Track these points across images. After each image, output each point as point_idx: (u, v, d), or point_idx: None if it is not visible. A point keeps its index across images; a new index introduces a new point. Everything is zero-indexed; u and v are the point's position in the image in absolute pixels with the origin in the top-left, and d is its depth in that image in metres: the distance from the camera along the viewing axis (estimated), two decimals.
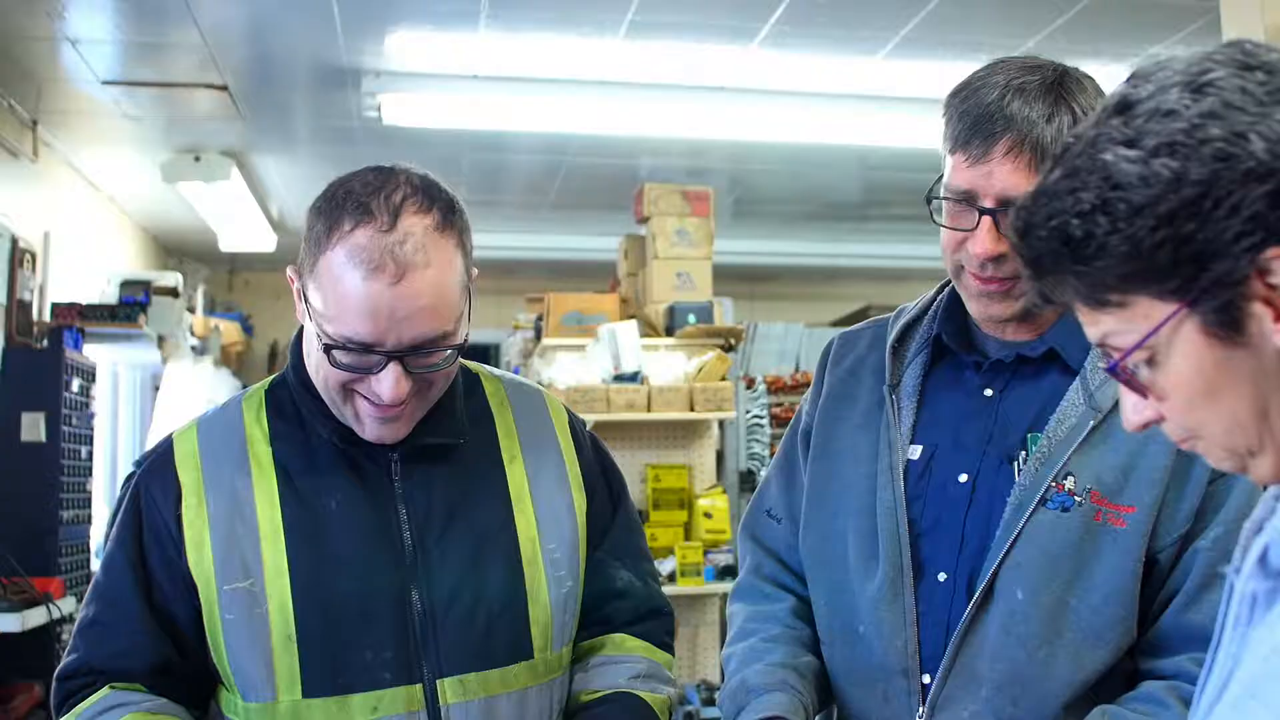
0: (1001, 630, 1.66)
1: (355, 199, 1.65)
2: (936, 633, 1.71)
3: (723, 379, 5.87)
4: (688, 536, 5.84)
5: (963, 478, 1.75)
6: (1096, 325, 1.10)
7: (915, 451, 1.80)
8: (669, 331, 6.17)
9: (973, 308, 1.77)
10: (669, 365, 5.93)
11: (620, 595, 1.94)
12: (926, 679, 1.71)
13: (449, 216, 1.69)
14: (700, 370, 5.88)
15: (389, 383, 1.66)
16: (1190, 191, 1.00)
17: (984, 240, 1.67)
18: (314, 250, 1.66)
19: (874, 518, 1.78)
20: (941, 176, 1.73)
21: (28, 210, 6.12)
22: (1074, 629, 1.65)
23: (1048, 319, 1.76)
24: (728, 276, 8.93)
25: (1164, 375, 1.08)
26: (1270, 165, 0.99)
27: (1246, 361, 1.03)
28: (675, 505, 5.87)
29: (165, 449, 1.84)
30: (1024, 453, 1.72)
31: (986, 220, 1.66)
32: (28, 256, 5.69)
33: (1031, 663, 1.65)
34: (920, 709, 1.71)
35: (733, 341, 6.20)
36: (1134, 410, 1.13)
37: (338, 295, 1.62)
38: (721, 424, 6.31)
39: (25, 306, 5.57)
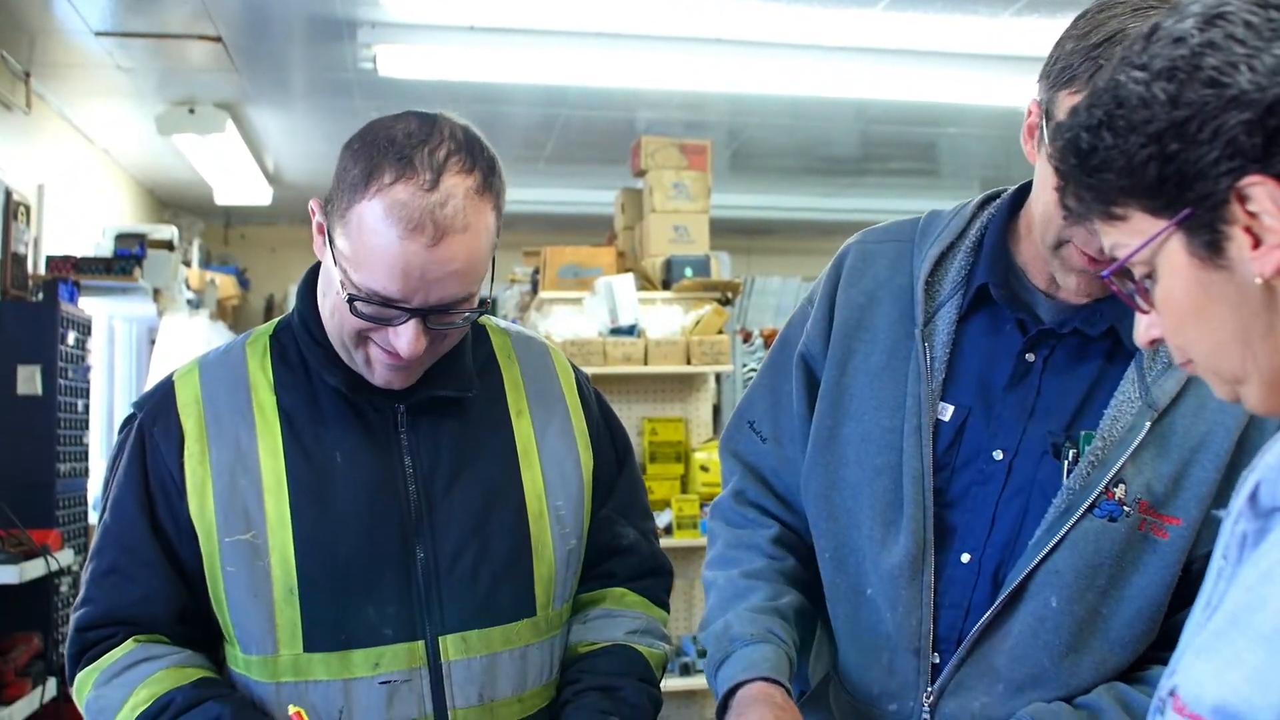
0: (1029, 634, 1.60)
1: (398, 149, 1.60)
2: (953, 615, 1.65)
3: (719, 332, 5.87)
4: (684, 490, 5.85)
5: (998, 455, 1.64)
6: (1106, 236, 1.16)
7: (946, 412, 1.67)
8: (666, 285, 6.16)
9: (1061, 279, 1.62)
10: (666, 318, 5.92)
11: (624, 552, 1.94)
12: (936, 659, 1.66)
13: (489, 179, 1.65)
14: (697, 324, 5.87)
15: (408, 338, 1.64)
16: (1180, 114, 1.05)
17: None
18: (348, 195, 1.62)
19: (896, 480, 1.67)
20: (1046, 114, 1.52)
21: (21, 163, 6.09)
22: (1102, 638, 1.60)
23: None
24: (725, 230, 8.92)
25: (1158, 291, 1.13)
26: (1252, 95, 1.03)
27: (1227, 286, 1.07)
28: (672, 459, 5.88)
29: (166, 391, 1.81)
30: (1074, 450, 1.61)
31: None
32: (22, 209, 5.66)
33: (1056, 670, 1.61)
34: (929, 688, 1.66)
35: (730, 295, 6.19)
36: (1145, 326, 1.18)
37: (370, 248, 1.59)
38: (718, 377, 6.31)
39: (20, 259, 5.55)
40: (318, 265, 1.80)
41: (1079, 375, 1.64)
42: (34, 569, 4.18)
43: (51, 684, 4.25)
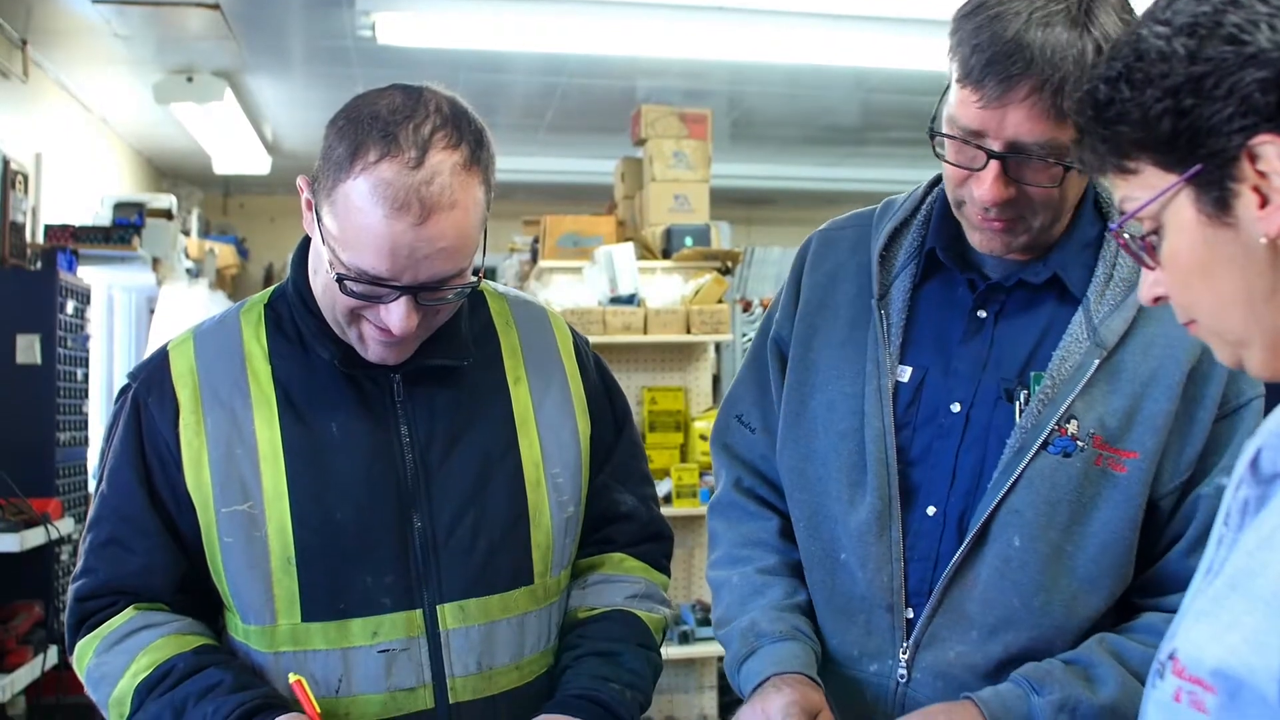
0: (996, 575, 1.63)
1: (381, 125, 1.58)
2: (923, 567, 1.68)
3: (719, 302, 5.86)
4: (683, 458, 5.86)
5: (955, 407, 1.69)
6: (1118, 189, 1.16)
7: (905, 374, 1.73)
8: (666, 254, 6.14)
9: (973, 238, 1.68)
10: (665, 288, 5.91)
11: (623, 518, 1.94)
12: (910, 614, 1.69)
13: (477, 152, 1.63)
14: (697, 293, 5.86)
15: (399, 316, 1.63)
16: (1198, 69, 1.06)
17: (992, 187, 1.56)
18: (334, 173, 1.60)
19: (860, 443, 1.72)
20: (943, 97, 1.62)
21: (18, 131, 6.07)
22: (1069, 576, 1.62)
23: (1048, 245, 1.68)
24: (725, 200, 8.90)
25: (1165, 248, 1.13)
26: (1270, 55, 1.04)
27: (1232, 245, 1.08)
28: (671, 428, 5.88)
29: (161, 361, 1.81)
30: (1025, 391, 1.65)
31: (995, 165, 1.55)
32: (19, 178, 5.65)
33: (1026, 610, 1.63)
34: (905, 643, 1.69)
35: (730, 264, 6.17)
36: (1149, 285, 1.18)
37: (356, 227, 1.58)
38: (718, 347, 6.30)
39: (18, 228, 5.54)
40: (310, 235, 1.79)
41: (1030, 325, 1.68)
42: (34, 537, 4.19)
43: (53, 652, 4.26)
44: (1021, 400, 1.65)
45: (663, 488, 5.59)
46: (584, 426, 1.89)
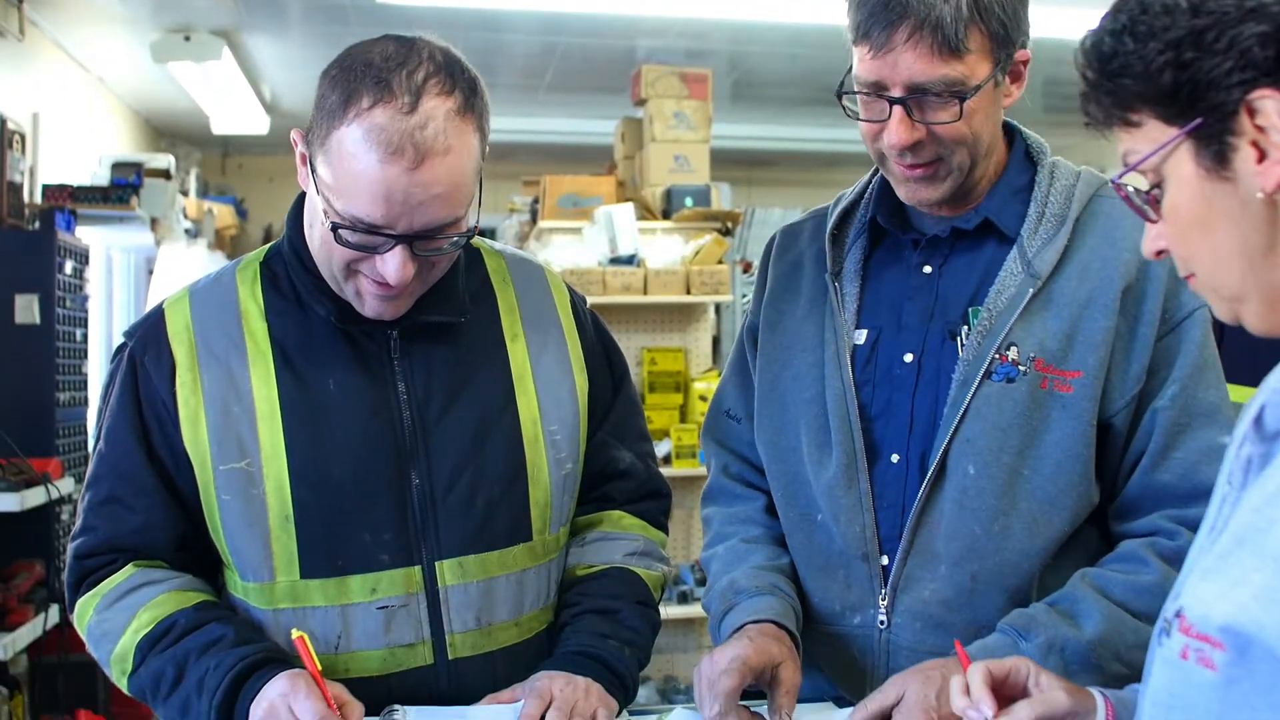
0: (956, 506, 1.68)
1: (375, 73, 1.58)
2: (893, 514, 1.74)
3: (720, 262, 5.85)
4: (683, 419, 5.86)
5: (908, 358, 1.76)
6: (1122, 143, 1.17)
7: (861, 336, 1.80)
8: (666, 215, 6.12)
9: (902, 193, 1.76)
10: (666, 248, 5.89)
11: (621, 476, 1.94)
12: (885, 561, 1.73)
13: (471, 99, 1.63)
14: (697, 254, 5.84)
15: (395, 265, 1.63)
16: (1200, 22, 1.07)
17: (897, 130, 1.65)
18: (327, 121, 1.60)
19: (824, 405, 1.79)
20: (851, 68, 1.70)
21: (15, 91, 6.03)
22: (1028, 499, 1.67)
23: (979, 194, 1.77)
24: (725, 161, 8.86)
25: (1166, 201, 1.14)
26: (1271, 9, 1.04)
27: (1230, 199, 1.09)
28: (671, 389, 5.88)
29: (157, 319, 1.80)
30: (966, 327, 1.72)
31: (898, 110, 1.65)
32: (16, 137, 5.62)
33: (988, 536, 1.67)
34: (883, 591, 1.74)
35: (730, 225, 6.16)
36: (1150, 238, 1.19)
37: (350, 174, 1.58)
38: (718, 308, 6.29)
39: (15, 188, 5.52)
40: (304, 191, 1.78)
41: (971, 272, 1.76)
42: (35, 497, 4.19)
43: (54, 611, 4.27)
44: (963, 335, 1.72)
45: (662, 448, 5.59)
46: (581, 384, 1.88)
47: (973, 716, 1.26)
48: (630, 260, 5.74)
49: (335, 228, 1.61)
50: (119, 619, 1.71)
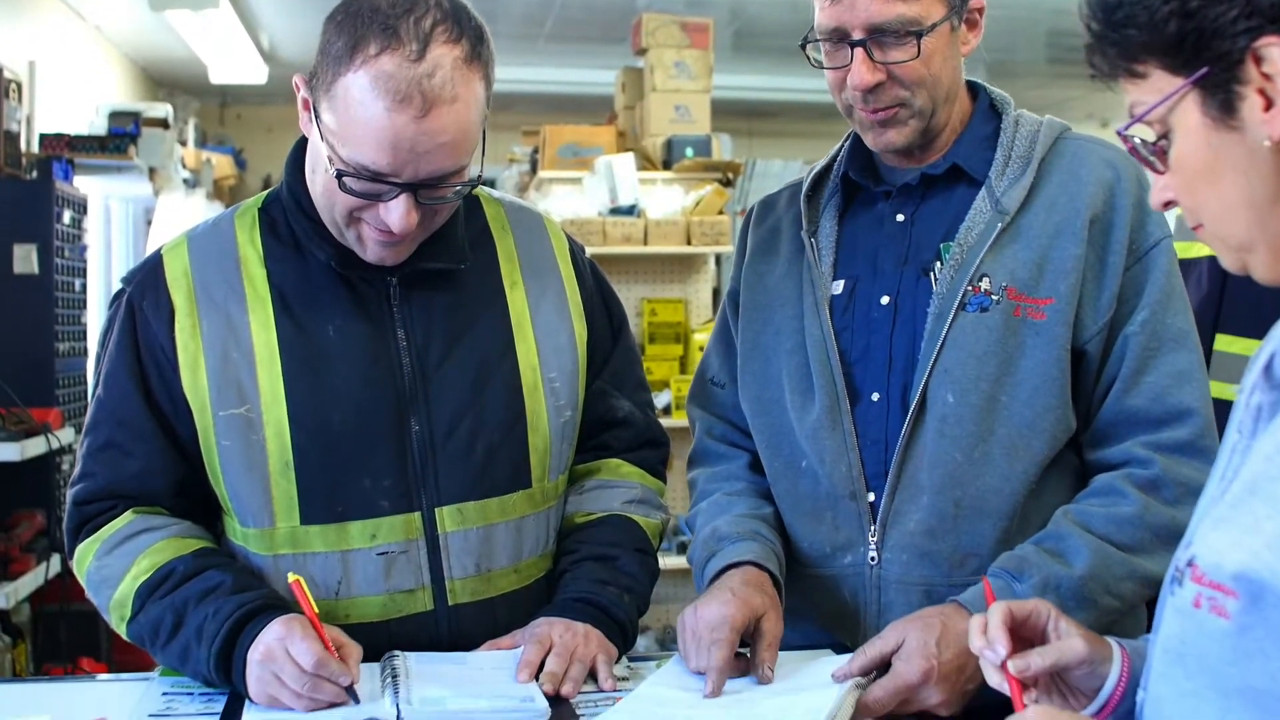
0: (937, 434, 1.72)
1: (382, 19, 1.57)
2: (877, 451, 1.77)
3: (720, 213, 5.83)
4: (683, 370, 5.86)
5: (884, 300, 1.80)
6: (1128, 95, 1.16)
7: (838, 286, 1.85)
8: (666, 165, 6.10)
9: (869, 140, 1.82)
10: (666, 199, 5.88)
11: (620, 424, 1.94)
12: (872, 498, 1.77)
13: (477, 48, 1.62)
14: (698, 204, 5.82)
15: (399, 213, 1.62)
16: None
17: (860, 72, 1.72)
18: (332, 68, 1.59)
19: (805, 354, 1.83)
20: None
21: (12, 40, 5.99)
22: (1006, 424, 1.71)
23: (945, 144, 1.82)
24: (726, 113, 8.80)
25: (1173, 152, 1.13)
26: None
27: (1237, 148, 1.08)
28: (671, 339, 5.88)
29: (155, 265, 1.80)
30: (938, 263, 1.77)
31: (859, 53, 1.71)
32: (13, 86, 5.58)
33: (969, 462, 1.71)
34: (872, 527, 1.77)
35: (731, 176, 6.13)
36: (1158, 189, 1.18)
37: (357, 121, 1.57)
38: (718, 259, 6.28)
39: (13, 137, 5.48)
40: (305, 137, 1.77)
41: (943, 216, 1.81)
42: (35, 447, 4.19)
43: (55, 560, 4.28)
44: (936, 271, 1.77)
45: (662, 399, 5.59)
46: (580, 331, 1.88)
47: (988, 656, 1.26)
48: (630, 211, 5.72)
49: (340, 175, 1.60)
50: (118, 565, 1.71)
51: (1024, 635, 1.30)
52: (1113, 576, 1.64)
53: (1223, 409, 1.43)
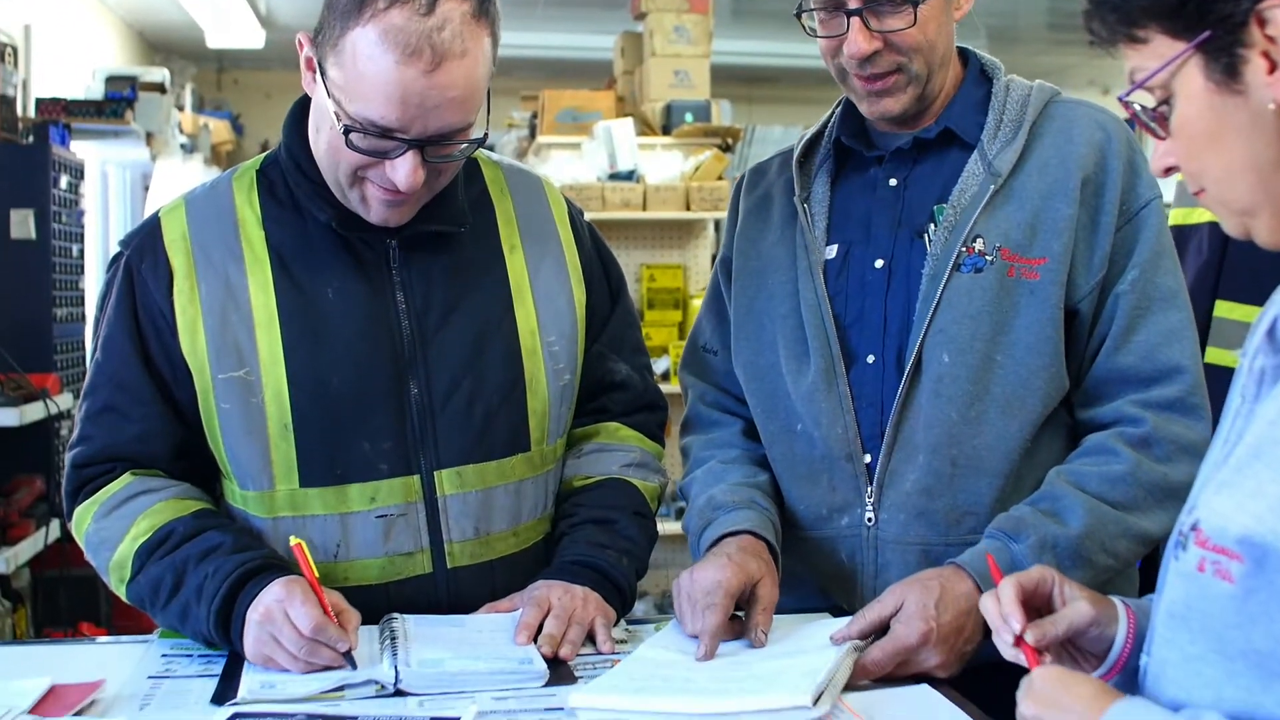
0: (933, 394, 1.73)
1: None
2: (872, 413, 1.78)
3: (719, 178, 5.81)
4: (682, 336, 5.85)
5: (878, 263, 1.81)
6: (1128, 60, 1.15)
7: (831, 251, 1.85)
8: (666, 130, 6.08)
9: (864, 108, 1.82)
10: (665, 164, 5.86)
11: (618, 388, 1.94)
12: (868, 459, 1.77)
13: (485, 4, 1.62)
14: (697, 169, 5.81)
15: (405, 171, 1.61)
16: None
17: (856, 41, 1.72)
18: (340, 22, 1.58)
19: (800, 318, 1.83)
20: None
21: (7, 2, 5.95)
22: (1001, 383, 1.72)
23: (937, 109, 1.83)
24: (726, 78, 8.77)
25: (1174, 117, 1.12)
26: None
27: (1240, 112, 1.07)
28: (670, 305, 5.88)
29: (152, 227, 1.79)
30: (932, 225, 1.78)
31: (855, 21, 1.72)
32: (9, 50, 5.55)
33: (964, 421, 1.72)
34: (869, 488, 1.78)
35: (730, 141, 6.11)
36: (1158, 155, 1.17)
37: (366, 76, 1.56)
38: (717, 224, 6.26)
39: (8, 102, 5.46)
40: (305, 98, 1.76)
41: (935, 180, 1.82)
42: (34, 412, 4.19)
43: (55, 525, 4.28)
44: (930, 233, 1.78)
45: (661, 365, 5.59)
46: (579, 295, 1.87)
47: (1005, 634, 1.26)
48: (629, 176, 5.71)
49: (347, 131, 1.59)
50: (117, 527, 1.71)
51: (1034, 604, 1.30)
52: (1108, 535, 1.66)
53: (1222, 375, 1.43)
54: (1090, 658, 1.30)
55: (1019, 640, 1.25)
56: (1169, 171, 1.17)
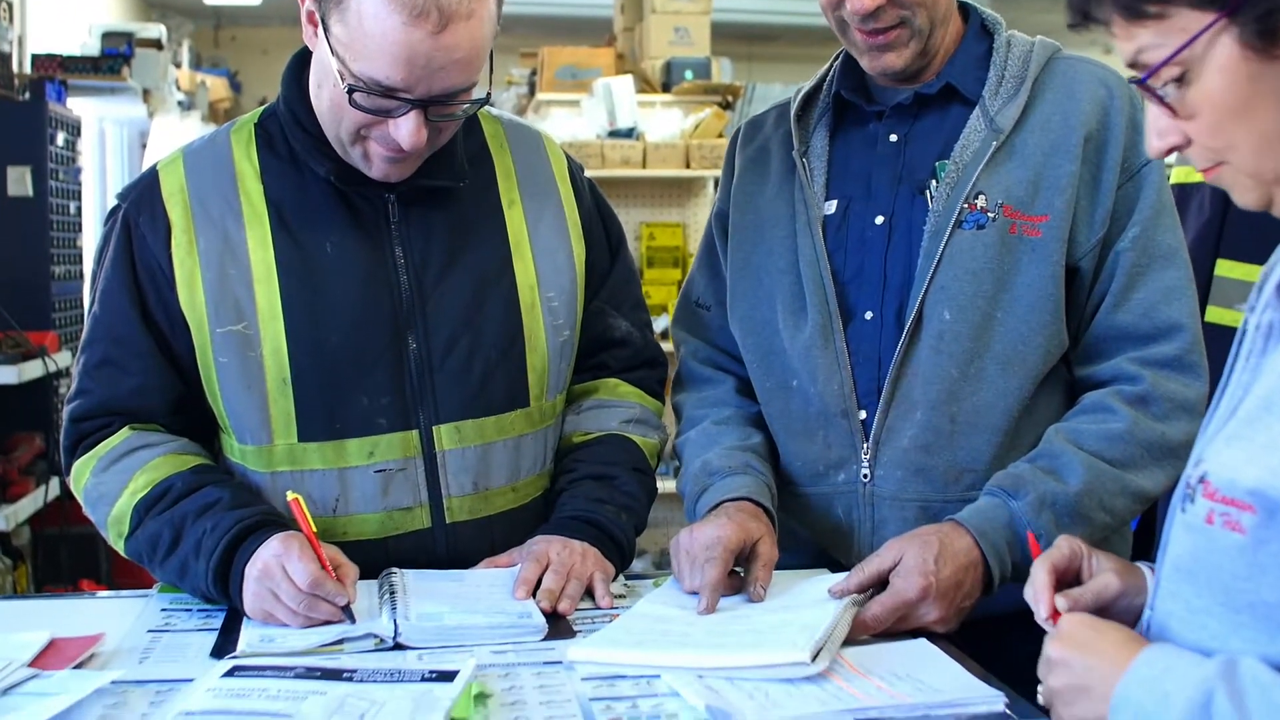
0: (933, 351, 1.73)
1: None
2: (869, 369, 1.78)
3: (719, 136, 5.78)
4: None
5: (879, 220, 1.80)
6: (1131, 40, 1.10)
7: (830, 206, 1.84)
8: (665, 88, 6.05)
9: (865, 63, 1.81)
10: (665, 121, 5.83)
11: (618, 344, 1.94)
12: (864, 415, 1.77)
13: None
14: (697, 127, 5.78)
15: (408, 130, 1.61)
16: None
17: None
18: None
19: (798, 274, 1.82)
20: None
21: None
22: (1001, 340, 1.72)
23: (938, 65, 1.82)
24: (726, 36, 8.73)
25: (1195, 92, 1.08)
26: None
27: (1278, 79, 1.04)
28: (669, 264, 5.86)
29: (150, 180, 1.78)
30: (934, 181, 1.78)
31: None
32: (4, 6, 5.52)
33: (964, 378, 1.72)
34: (865, 445, 1.77)
35: (730, 99, 6.07)
36: (1159, 135, 1.14)
37: (371, 35, 1.55)
38: (717, 182, 6.24)
39: (4, 58, 5.43)
40: (304, 50, 1.74)
41: (936, 135, 1.81)
42: (32, 370, 4.19)
43: (54, 483, 4.29)
44: (931, 189, 1.77)
45: (660, 323, 5.57)
46: (579, 250, 1.87)
47: (1039, 610, 1.27)
48: (629, 133, 5.68)
49: (351, 91, 1.58)
50: (115, 482, 1.71)
51: (1064, 580, 1.31)
52: (1106, 492, 1.66)
53: (1223, 334, 1.43)
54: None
55: (1051, 615, 1.26)
56: (1169, 151, 1.14)
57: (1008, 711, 1.29)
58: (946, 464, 1.74)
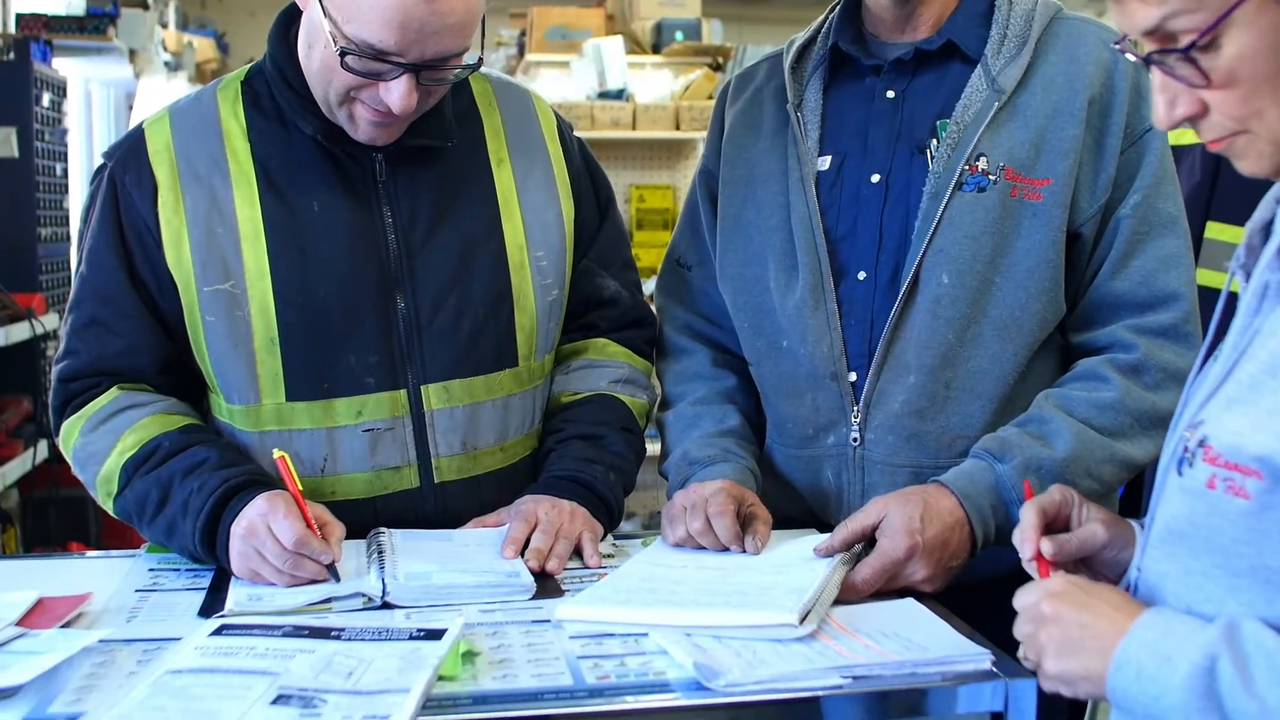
0: (929, 315, 1.70)
1: None
2: (860, 330, 1.76)
3: (709, 98, 5.76)
4: None
5: (875, 178, 1.77)
6: (1161, 6, 1.05)
7: (825, 162, 1.81)
8: (656, 49, 6.03)
9: (873, 22, 1.81)
10: (655, 83, 5.81)
11: (606, 304, 1.93)
12: (854, 378, 1.76)
13: None
14: (687, 89, 5.76)
15: (399, 94, 1.60)
16: None
17: None
18: None
19: (789, 231, 1.80)
20: None
21: None
22: (999, 306, 1.70)
23: (939, 20, 1.78)
24: None
25: (1226, 59, 1.04)
26: None
27: None
28: (659, 226, 5.85)
29: (137, 139, 1.77)
30: (934, 140, 1.75)
31: None
32: None
33: (960, 343, 1.71)
34: (855, 408, 1.76)
35: (721, 60, 6.05)
36: (1171, 104, 1.10)
37: None
38: None
39: None
40: (290, 8, 1.73)
41: (936, 94, 1.78)
42: (19, 332, 4.17)
43: (43, 446, 4.27)
44: (932, 149, 1.74)
45: (649, 286, 5.58)
46: (568, 209, 1.86)
47: (1023, 551, 1.29)
48: (619, 95, 5.66)
49: (343, 53, 1.57)
50: (104, 442, 1.70)
51: (1054, 527, 1.32)
52: (1093, 460, 1.65)
53: (1213, 296, 1.42)
54: (1104, 580, 1.30)
55: (1036, 557, 1.27)
56: (1179, 123, 1.11)
57: (994, 669, 1.30)
58: (939, 429, 1.73)
